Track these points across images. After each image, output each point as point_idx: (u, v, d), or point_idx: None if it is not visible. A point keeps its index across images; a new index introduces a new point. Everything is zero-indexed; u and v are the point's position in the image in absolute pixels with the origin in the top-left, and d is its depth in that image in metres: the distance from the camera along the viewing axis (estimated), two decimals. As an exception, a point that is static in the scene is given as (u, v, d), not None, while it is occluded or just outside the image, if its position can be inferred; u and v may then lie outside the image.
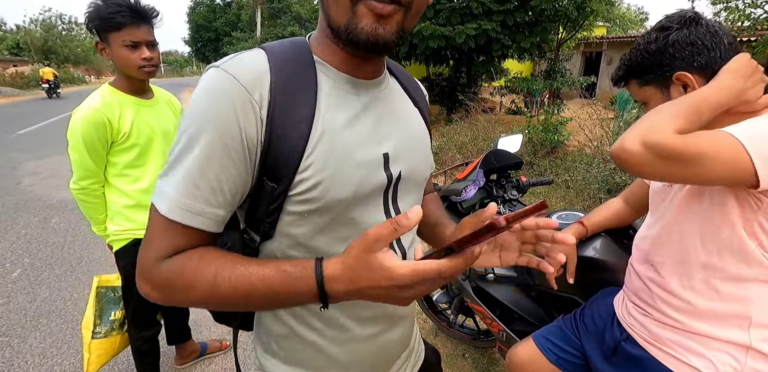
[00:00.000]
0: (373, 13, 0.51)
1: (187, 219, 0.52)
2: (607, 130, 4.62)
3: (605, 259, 1.20)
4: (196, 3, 29.53)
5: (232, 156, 0.52)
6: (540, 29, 8.58)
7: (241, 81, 0.52)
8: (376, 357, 0.72)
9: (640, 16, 25.87)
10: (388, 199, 0.64)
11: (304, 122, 0.54)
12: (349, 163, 0.57)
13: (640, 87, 0.90)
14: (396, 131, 0.64)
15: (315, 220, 0.58)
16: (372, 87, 0.62)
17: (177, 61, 73.48)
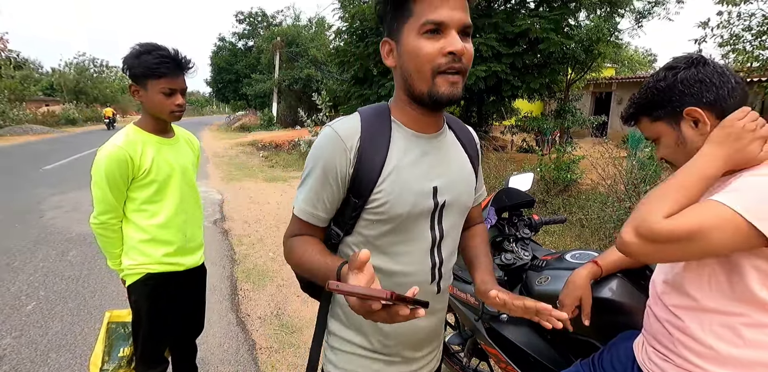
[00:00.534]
0: (448, 82, 0.77)
1: (306, 216, 0.87)
2: (620, 169, 4.62)
3: (622, 301, 1.18)
4: (219, 48, 31.36)
5: (330, 182, 0.83)
6: (549, 71, 8.85)
7: (341, 135, 0.82)
8: (411, 334, 0.93)
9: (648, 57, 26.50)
10: (434, 218, 0.88)
11: (379, 163, 0.81)
12: (407, 191, 0.83)
13: (652, 123, 0.92)
14: (445, 172, 0.88)
15: (380, 226, 0.85)
16: (431, 139, 0.88)
17: (198, 101, 76.78)
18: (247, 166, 9.88)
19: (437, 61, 0.75)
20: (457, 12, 0.75)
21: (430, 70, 0.76)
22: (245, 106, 31.00)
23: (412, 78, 0.79)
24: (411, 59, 0.78)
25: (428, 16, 0.74)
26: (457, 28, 0.75)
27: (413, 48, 0.77)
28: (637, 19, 9.91)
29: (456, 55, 0.75)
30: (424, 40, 0.76)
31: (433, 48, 0.75)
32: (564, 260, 1.40)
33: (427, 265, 0.90)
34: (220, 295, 3.09)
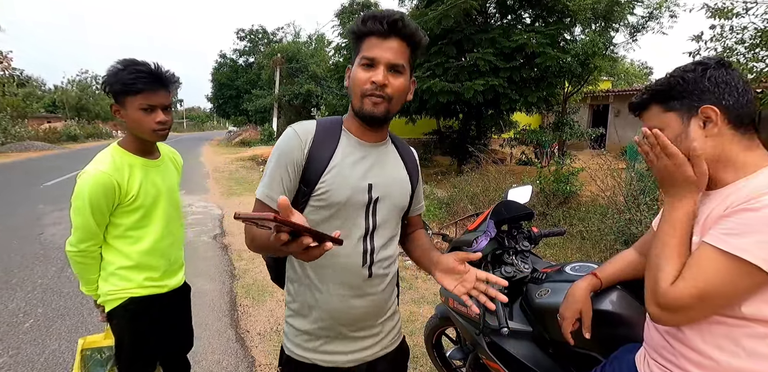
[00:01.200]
0: (371, 102, 1.00)
1: (261, 197, 1.03)
2: (619, 181, 4.63)
3: (622, 313, 1.17)
4: (220, 64, 31.85)
5: (288, 170, 1.02)
6: (546, 84, 8.98)
7: (298, 133, 1.03)
8: (344, 313, 1.09)
9: (644, 70, 26.86)
10: (369, 210, 1.06)
11: (325, 159, 1.02)
12: (345, 184, 1.02)
13: (663, 112, 0.90)
14: (380, 173, 1.08)
15: (323, 212, 1.03)
16: (372, 147, 1.09)
17: (199, 117, 77.47)
18: (247, 180, 9.90)
19: (365, 87, 0.99)
20: (388, 52, 0.97)
21: (360, 93, 1.00)
22: (245, 122, 31.26)
23: (351, 97, 1.03)
24: (352, 82, 1.02)
25: (365, 53, 0.98)
26: (385, 65, 0.97)
27: (354, 74, 1.02)
28: (631, 33, 10.10)
29: (377, 84, 0.97)
30: (361, 70, 0.99)
31: (365, 76, 0.99)
32: (564, 273, 1.40)
33: (359, 249, 1.06)
34: (219, 312, 3.06)
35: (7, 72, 17.85)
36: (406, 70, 1.01)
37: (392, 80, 0.98)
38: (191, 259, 4.17)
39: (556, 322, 1.21)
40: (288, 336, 1.14)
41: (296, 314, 1.12)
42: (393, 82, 0.98)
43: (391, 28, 0.96)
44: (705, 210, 0.87)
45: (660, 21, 9.68)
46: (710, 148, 0.86)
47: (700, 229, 0.85)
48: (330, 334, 1.09)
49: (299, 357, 1.11)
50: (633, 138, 1.05)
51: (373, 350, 1.15)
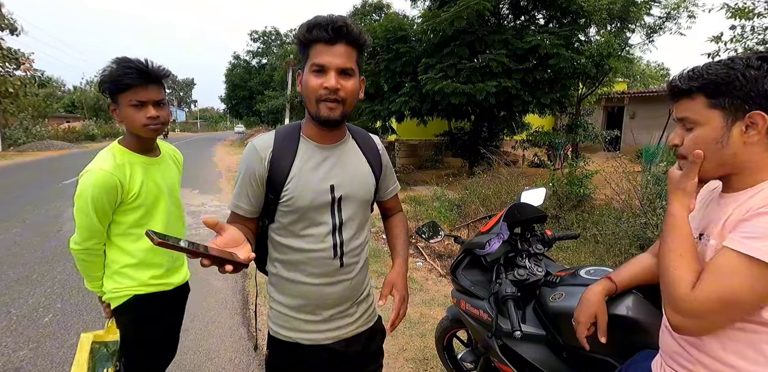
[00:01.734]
0: (327, 107, 1.05)
1: (231, 207, 1.16)
2: (634, 184, 4.56)
3: (639, 318, 1.16)
4: (233, 65, 32.22)
5: (251, 183, 1.12)
6: (560, 86, 8.88)
7: (258, 148, 1.12)
8: (320, 298, 1.19)
9: (660, 71, 26.39)
10: (334, 208, 1.14)
11: (286, 168, 1.10)
12: (307, 190, 1.10)
13: (707, 107, 0.82)
14: (341, 173, 1.15)
15: (291, 215, 1.12)
16: (331, 148, 1.15)
17: (212, 117, 78.40)
18: (259, 180, 9.97)
19: (319, 92, 1.03)
20: (337, 58, 1.01)
21: (314, 98, 1.04)
22: (258, 122, 31.55)
23: (306, 103, 1.07)
24: (305, 88, 1.06)
25: (315, 60, 1.02)
26: (335, 70, 1.01)
27: (305, 81, 1.05)
28: (648, 34, 9.94)
29: (330, 89, 1.01)
30: (313, 77, 1.03)
31: (317, 82, 1.02)
32: (578, 276, 1.39)
33: (328, 244, 1.15)
34: (231, 310, 3.10)
35: (28, 73, 18.29)
36: (356, 72, 1.06)
37: (344, 83, 1.03)
38: (205, 257, 4.23)
39: (571, 326, 1.20)
40: (272, 319, 1.23)
41: (277, 300, 1.21)
42: (345, 85, 1.03)
43: (337, 34, 1.00)
44: (724, 212, 0.86)
45: (678, 21, 9.52)
46: (743, 154, 0.83)
47: (719, 233, 0.83)
48: (308, 316, 1.19)
49: (282, 337, 1.20)
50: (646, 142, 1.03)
51: (348, 329, 1.24)
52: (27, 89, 17.67)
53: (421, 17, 9.09)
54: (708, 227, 0.90)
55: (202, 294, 3.36)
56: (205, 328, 2.82)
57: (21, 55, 16.99)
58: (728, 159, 0.83)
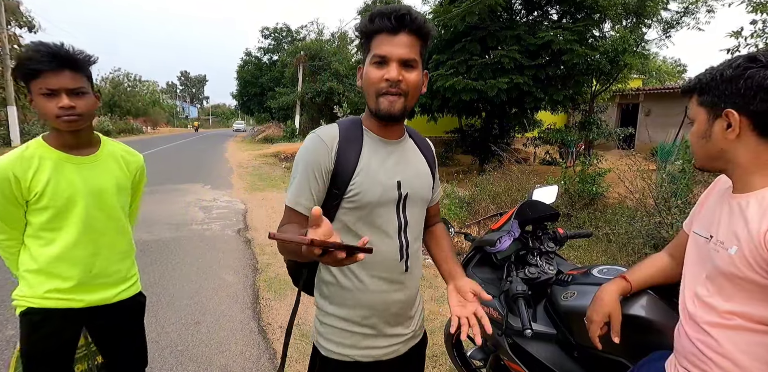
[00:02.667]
0: (387, 101, 1.00)
1: (291, 204, 1.04)
2: (649, 182, 4.49)
3: (653, 319, 1.14)
4: (245, 62, 32.38)
5: (315, 176, 1.02)
6: (573, 82, 8.76)
7: (324, 139, 1.03)
8: (385, 307, 1.10)
9: (677, 68, 25.86)
10: (399, 207, 1.08)
11: (353, 161, 1.03)
12: (376, 183, 1.04)
13: (697, 104, 0.89)
14: (405, 170, 1.10)
15: (356, 213, 1.04)
16: (394, 144, 1.10)
17: (224, 113, 79.06)
18: (270, 176, 10.06)
19: (379, 85, 0.98)
20: (399, 48, 0.97)
21: (374, 92, 1.00)
22: (269, 119, 31.73)
23: (367, 96, 1.03)
24: (365, 82, 1.02)
25: (376, 51, 0.98)
26: (397, 61, 0.97)
27: (366, 73, 1.01)
28: (664, 30, 9.75)
29: (391, 81, 0.97)
30: (374, 69, 0.99)
31: (378, 75, 0.98)
32: (591, 275, 1.37)
33: (395, 245, 1.08)
34: (242, 304, 3.13)
35: (45, 69, 18.63)
36: (419, 64, 1.01)
37: (406, 75, 0.98)
38: (216, 251, 4.29)
39: (583, 325, 1.19)
40: (324, 336, 1.12)
41: (332, 314, 1.10)
42: (407, 77, 0.98)
43: (400, 23, 0.96)
44: (741, 218, 0.83)
45: (696, 16, 9.31)
46: (743, 153, 0.83)
47: (747, 242, 0.80)
48: (370, 330, 1.10)
49: (339, 356, 1.09)
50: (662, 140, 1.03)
51: (407, 341, 1.17)
52: (44, 85, 18.00)
53: (432, 13, 9.01)
54: (720, 231, 0.88)
55: (214, 288, 3.40)
56: (216, 321, 2.86)
57: (38, 51, 17.29)
58: (715, 153, 0.88)
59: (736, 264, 0.81)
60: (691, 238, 0.99)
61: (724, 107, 0.83)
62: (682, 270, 1.00)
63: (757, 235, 0.78)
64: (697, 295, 0.91)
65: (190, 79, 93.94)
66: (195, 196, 7.36)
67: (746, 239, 0.80)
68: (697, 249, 0.95)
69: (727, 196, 0.91)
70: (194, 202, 6.78)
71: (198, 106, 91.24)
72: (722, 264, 0.84)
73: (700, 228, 0.97)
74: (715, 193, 0.99)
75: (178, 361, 2.39)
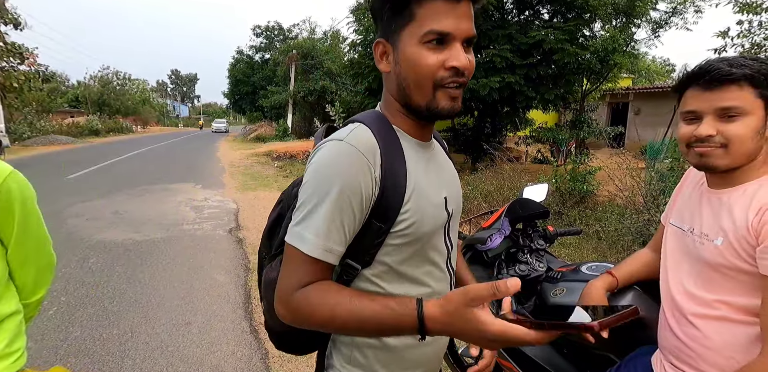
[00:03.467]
0: (449, 96, 0.72)
1: (323, 256, 0.68)
2: (638, 180, 4.55)
3: (640, 314, 1.16)
4: (236, 60, 32.17)
5: (353, 206, 0.68)
6: (564, 81, 8.82)
7: (361, 150, 0.69)
8: (437, 359, 0.88)
9: (666, 67, 26.18)
10: (445, 230, 0.82)
11: (403, 178, 0.72)
12: (429, 205, 0.75)
13: (755, 96, 0.81)
14: (446, 179, 0.84)
15: (406, 249, 0.75)
16: (429, 146, 0.83)
17: (215, 112, 78.49)
18: (262, 176, 10.01)
19: (439, 75, 0.69)
20: (464, 21, 0.68)
21: (431, 84, 0.70)
22: (261, 117, 31.56)
23: (410, 88, 0.72)
24: (410, 69, 0.70)
25: (432, 26, 0.67)
26: (462, 39, 0.69)
27: (414, 57, 0.69)
28: (653, 29, 9.85)
29: (460, 70, 0.69)
30: (426, 51, 0.69)
31: (437, 60, 0.68)
32: (580, 272, 1.38)
33: (447, 280, 0.84)
34: (234, 304, 3.12)
35: (32, 68, 18.33)
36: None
37: (471, 59, 0.71)
38: (208, 251, 4.26)
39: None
40: None
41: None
42: (472, 62, 0.72)
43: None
44: (726, 211, 0.85)
45: (684, 16, 9.42)
46: (761, 147, 0.85)
47: (735, 234, 0.82)
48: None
49: None
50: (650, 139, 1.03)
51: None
52: (31, 84, 17.71)
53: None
54: (704, 224, 0.89)
55: (205, 288, 3.38)
56: (207, 321, 2.85)
57: (25, 49, 17.01)
58: (757, 150, 0.83)
59: (723, 254, 0.83)
60: (669, 229, 1.01)
61: None
62: (661, 261, 1.02)
63: (743, 224, 0.81)
64: (683, 287, 0.93)
65: (181, 77, 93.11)
66: (186, 195, 7.31)
67: (732, 230, 0.82)
68: (676, 240, 0.97)
69: (705, 191, 0.93)
70: (185, 202, 6.73)
71: (189, 105, 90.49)
72: (709, 256, 0.86)
73: (676, 220, 0.99)
74: (687, 186, 1.01)
75: (168, 361, 2.38)
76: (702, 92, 0.84)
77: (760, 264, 0.78)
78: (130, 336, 2.62)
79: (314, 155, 0.72)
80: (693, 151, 0.88)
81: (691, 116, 0.87)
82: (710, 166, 0.87)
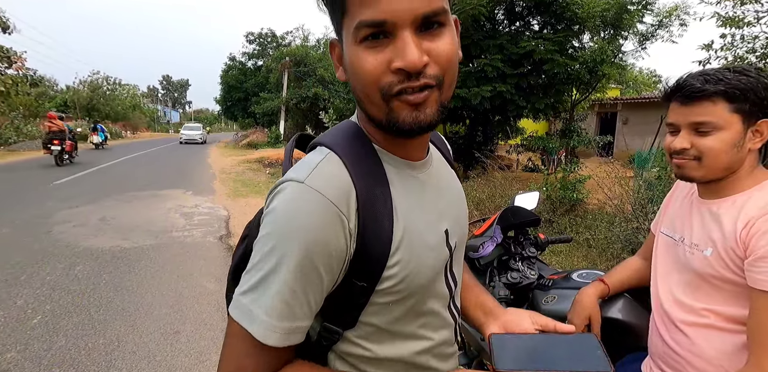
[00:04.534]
0: (408, 105, 0.52)
1: (284, 341, 0.53)
2: (626, 189, 4.61)
3: (629, 321, 1.17)
4: (229, 67, 32.14)
5: (320, 270, 0.53)
6: (554, 91, 8.97)
7: (328, 196, 0.52)
8: None
9: (653, 78, 26.74)
10: (447, 268, 0.66)
11: (389, 222, 0.56)
12: (425, 250, 0.59)
13: (730, 111, 0.83)
14: (449, 204, 0.67)
15: (397, 308, 0.60)
16: (424, 165, 0.65)
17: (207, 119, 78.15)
18: (253, 182, 9.95)
19: (384, 81, 0.51)
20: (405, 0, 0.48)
21: (378, 94, 0.52)
22: (253, 124, 31.47)
23: (363, 101, 0.56)
24: (353, 77, 0.54)
25: (361, 15, 0.49)
26: (411, 24, 0.49)
27: (353, 61, 0.53)
28: (640, 41, 10.05)
29: (408, 71, 0.49)
30: (363, 52, 0.51)
31: (376, 62, 0.50)
32: (571, 279, 1.40)
33: (450, 325, 0.68)
34: (224, 312, 3.07)
35: (21, 72, 18.14)
36: (448, 17, 0.53)
37: (433, 48, 0.51)
38: (197, 259, 4.21)
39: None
40: None
41: None
42: (435, 50, 0.51)
43: None
44: (715, 221, 0.87)
45: (670, 29, 9.64)
46: (749, 161, 0.87)
47: (723, 245, 0.84)
48: None
49: None
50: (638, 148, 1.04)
51: None
52: (19, 88, 17.52)
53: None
54: (694, 234, 0.91)
55: (194, 296, 3.33)
56: (196, 330, 2.80)
57: (13, 53, 16.85)
58: (736, 163, 0.85)
59: (712, 265, 0.85)
60: (659, 238, 1.03)
61: (761, 117, 0.83)
62: (652, 269, 1.04)
63: (732, 235, 0.82)
64: (672, 295, 0.94)
65: (173, 83, 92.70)
66: (176, 202, 7.23)
67: (721, 241, 0.84)
68: (666, 249, 0.99)
69: (695, 201, 0.95)
70: (175, 209, 6.66)
71: (180, 111, 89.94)
72: (699, 266, 0.88)
73: (667, 228, 1.01)
74: (678, 195, 1.03)
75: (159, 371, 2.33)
76: (679, 106, 0.87)
77: (748, 276, 0.79)
78: (117, 345, 2.57)
79: (271, 201, 0.55)
80: (672, 161, 0.91)
81: (672, 128, 0.90)
82: (686, 177, 0.90)
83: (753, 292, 0.78)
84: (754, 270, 0.78)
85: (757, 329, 0.77)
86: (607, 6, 8.69)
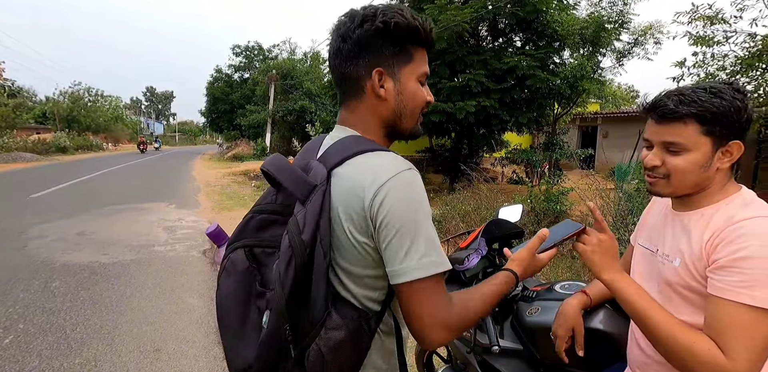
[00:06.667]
0: (419, 121, 0.91)
1: (445, 267, 0.76)
2: (608, 201, 4.70)
3: (610, 331, 1.19)
4: (215, 79, 32.07)
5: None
6: (536, 105, 9.19)
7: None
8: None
9: (630, 93, 27.58)
10: None
11: None
12: None
13: (700, 133, 0.84)
14: None
15: None
16: None
17: (191, 131, 77.42)
18: (238, 195, 9.84)
19: (423, 106, 0.89)
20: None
21: (419, 113, 0.89)
22: (239, 136, 31.30)
23: (406, 116, 0.87)
24: (410, 101, 0.86)
25: (425, 68, 0.87)
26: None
27: (413, 91, 0.86)
28: (618, 58, 10.43)
29: (431, 103, 0.90)
30: (419, 88, 0.87)
31: (424, 95, 0.88)
32: (554, 291, 1.42)
33: None
34: (206, 328, 3.01)
35: (-1, 83, 17.81)
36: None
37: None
38: (180, 274, 4.12)
39: (547, 340, 1.22)
40: None
41: None
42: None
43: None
44: (685, 232, 0.90)
45: (645, 47, 10.04)
46: (720, 179, 0.89)
47: (690, 256, 0.87)
48: None
49: None
50: (618, 161, 1.07)
51: None
52: (-4, 99, 17.15)
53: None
54: (666, 245, 0.94)
55: (176, 312, 3.25)
56: (178, 348, 2.73)
57: (-9, 64, 16.53)
58: (704, 181, 0.88)
59: (680, 274, 0.87)
60: (637, 250, 1.06)
61: (732, 138, 0.84)
62: None
63: (698, 246, 0.85)
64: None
65: (156, 95, 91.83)
66: (158, 215, 7.10)
67: (688, 252, 0.87)
68: (643, 260, 1.02)
69: (669, 213, 0.98)
70: (157, 222, 6.53)
71: (164, 123, 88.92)
72: (669, 275, 0.91)
73: (644, 241, 1.04)
74: (656, 209, 1.07)
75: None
76: (654, 124, 0.90)
77: (709, 283, 0.82)
78: (94, 365, 2.48)
79: (401, 184, 0.75)
80: (645, 177, 0.95)
81: (648, 143, 0.93)
82: (655, 193, 0.94)
83: (710, 299, 0.81)
84: (715, 277, 0.80)
85: (714, 337, 0.78)
86: (586, 24, 9.02)
